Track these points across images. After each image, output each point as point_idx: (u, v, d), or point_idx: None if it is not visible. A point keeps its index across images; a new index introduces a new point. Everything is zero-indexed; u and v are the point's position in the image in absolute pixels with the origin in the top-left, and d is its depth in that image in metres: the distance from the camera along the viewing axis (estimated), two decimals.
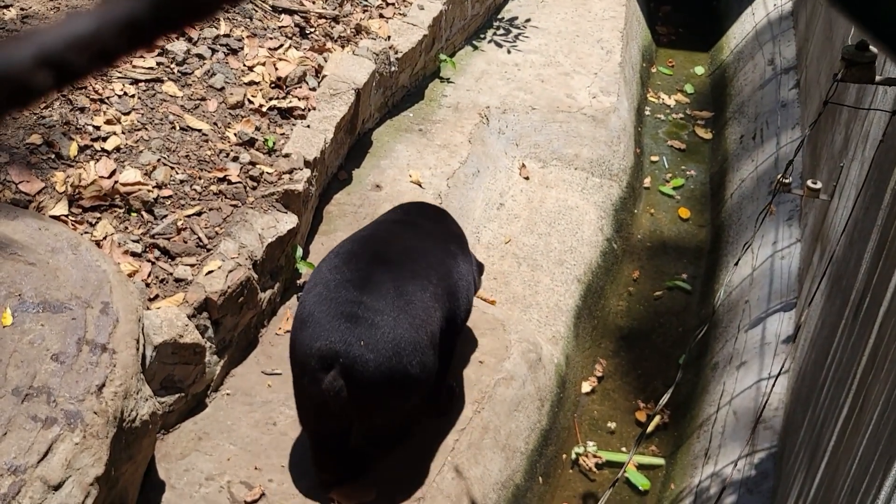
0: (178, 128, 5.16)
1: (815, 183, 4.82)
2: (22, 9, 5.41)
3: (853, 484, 2.90)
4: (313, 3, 6.59)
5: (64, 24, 0.66)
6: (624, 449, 5.19)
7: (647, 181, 7.48)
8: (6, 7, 5.37)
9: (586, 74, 7.75)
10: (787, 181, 4.88)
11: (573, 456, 5.15)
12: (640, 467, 5.14)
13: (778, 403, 4.76)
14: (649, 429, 5.32)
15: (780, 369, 4.63)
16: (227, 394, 4.51)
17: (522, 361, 4.99)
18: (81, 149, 4.77)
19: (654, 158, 7.78)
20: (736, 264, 4.75)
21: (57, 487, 3.04)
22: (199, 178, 4.95)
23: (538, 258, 6.02)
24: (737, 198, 6.77)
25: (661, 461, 5.19)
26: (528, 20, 8.44)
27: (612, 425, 5.38)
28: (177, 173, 4.91)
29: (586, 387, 5.58)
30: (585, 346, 5.83)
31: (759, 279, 5.68)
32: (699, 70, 9.08)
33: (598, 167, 6.93)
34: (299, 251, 5.14)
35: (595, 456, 5.15)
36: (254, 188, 5.04)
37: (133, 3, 0.67)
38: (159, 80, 5.39)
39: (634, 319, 6.20)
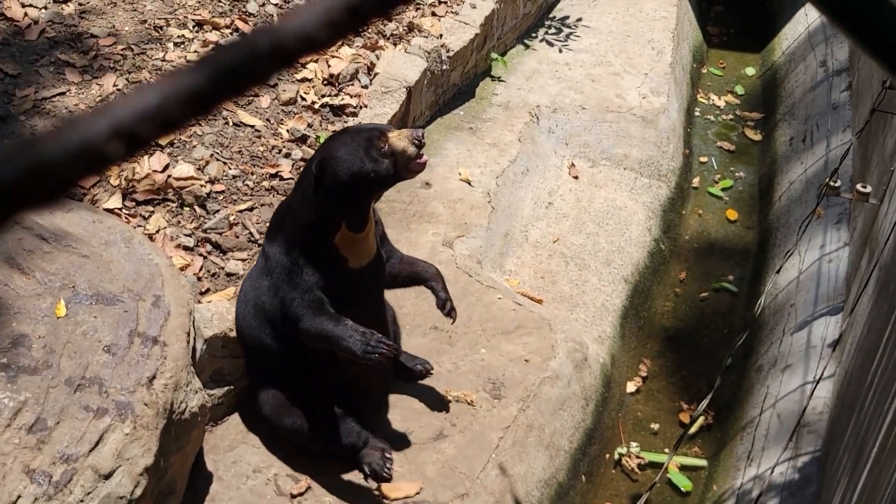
0: (231, 123, 5.23)
1: (864, 187, 4.79)
2: (80, 4, 5.50)
3: (895, 492, 2.91)
4: None
5: (133, 98, 0.71)
6: (667, 450, 5.19)
7: (695, 181, 7.46)
8: (65, 2, 5.47)
9: (637, 75, 7.74)
10: (835, 184, 4.87)
11: (616, 456, 5.17)
12: (683, 468, 5.14)
13: (822, 407, 4.74)
14: (692, 430, 5.32)
15: (825, 373, 4.62)
16: None
17: (568, 361, 5.01)
18: None
19: (703, 159, 7.75)
20: (778, 272, 4.74)
21: (107, 477, 3.11)
22: (252, 174, 5.02)
23: (586, 258, 6.03)
24: (785, 200, 6.75)
25: (703, 462, 5.19)
26: (579, 19, 8.44)
27: (655, 426, 5.39)
28: (229, 168, 4.98)
29: (631, 387, 5.59)
30: (631, 346, 5.84)
31: (805, 283, 5.66)
32: (750, 71, 9.03)
33: (647, 167, 6.92)
34: None
35: (638, 457, 5.16)
36: None
37: (193, 76, 0.72)
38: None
39: (680, 320, 6.20)
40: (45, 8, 5.38)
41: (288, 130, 5.34)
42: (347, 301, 3.92)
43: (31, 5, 5.34)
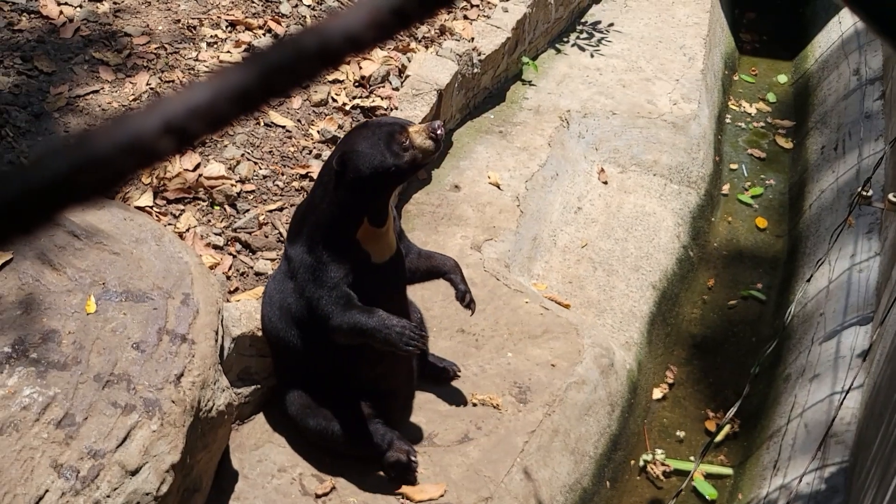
0: (262, 124, 5.25)
1: None
2: (115, 2, 5.54)
3: None
4: None
5: (184, 95, 0.73)
6: (692, 458, 5.17)
7: (725, 188, 7.44)
8: (100, 1, 5.51)
9: (668, 80, 7.72)
10: (867, 194, 4.84)
11: (641, 462, 5.16)
12: (708, 477, 5.12)
13: (850, 418, 4.72)
14: (718, 438, 5.30)
15: (854, 383, 4.59)
16: None
17: (595, 366, 5.00)
18: None
19: (733, 166, 7.73)
20: (808, 280, 4.71)
21: (134, 473, 3.13)
22: (282, 174, 5.04)
23: (614, 263, 6.02)
24: (815, 209, 6.71)
25: (729, 471, 5.17)
26: (611, 24, 8.43)
27: (681, 434, 5.37)
28: (260, 168, 5.00)
29: (657, 393, 5.57)
30: (658, 352, 5.82)
31: (835, 292, 5.63)
32: (782, 78, 8.99)
33: (676, 174, 6.90)
34: None
35: (663, 464, 5.14)
36: None
37: (243, 74, 0.73)
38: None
39: (708, 328, 6.18)
40: (81, 6, 5.42)
41: (318, 131, 5.35)
42: (374, 297, 3.92)
43: (66, 4, 5.39)
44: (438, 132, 3.76)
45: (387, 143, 3.75)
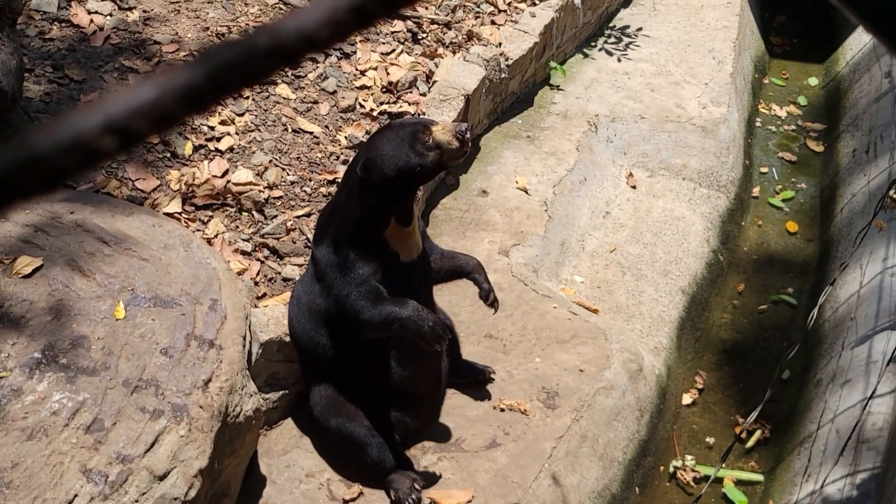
0: (290, 130, 5.27)
1: None
2: (144, 11, 5.57)
3: None
4: (426, 8, 6.67)
5: (128, 93, 0.73)
6: (724, 465, 5.14)
7: (755, 191, 7.40)
8: (129, 9, 5.54)
9: (697, 84, 7.70)
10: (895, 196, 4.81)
11: (671, 469, 5.13)
12: (739, 483, 5.09)
13: (882, 423, 4.68)
14: (749, 444, 5.27)
15: (885, 389, 4.56)
16: None
17: (623, 371, 4.98)
18: (196, 148, 4.90)
19: (763, 170, 7.69)
20: (832, 284, 4.67)
21: (162, 478, 3.14)
22: (310, 180, 5.05)
23: (643, 268, 6.00)
24: (847, 213, 6.67)
25: (759, 477, 5.13)
26: (639, 29, 8.41)
27: (710, 440, 5.34)
28: (287, 174, 5.02)
29: (687, 399, 5.54)
30: (687, 357, 5.79)
31: (866, 296, 5.58)
32: (813, 81, 8.94)
33: (706, 178, 6.88)
34: None
35: (693, 470, 5.11)
36: None
37: (190, 73, 0.73)
38: (273, 83, 5.51)
39: (738, 332, 6.15)
40: (111, 15, 5.46)
41: (346, 137, 5.37)
42: (403, 295, 3.91)
43: (96, 12, 5.42)
44: (466, 136, 3.75)
45: (410, 143, 3.75)
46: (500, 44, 6.70)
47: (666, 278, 5.98)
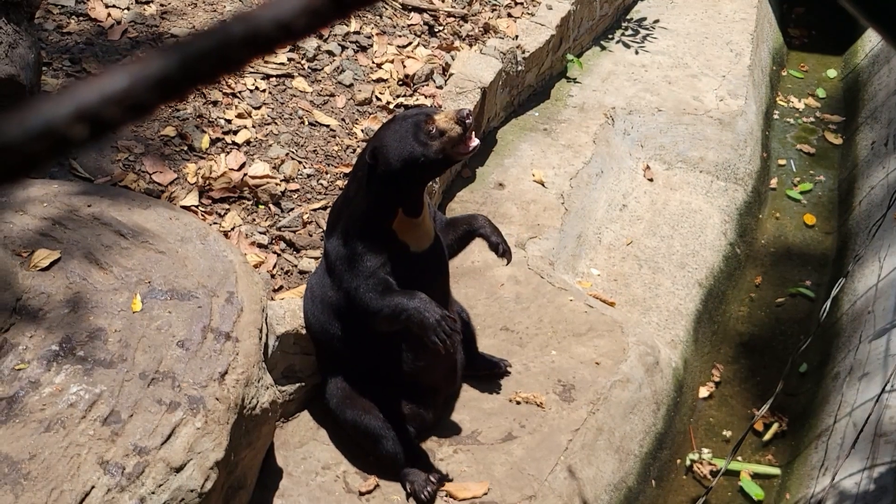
0: (306, 123, 5.28)
1: None
2: (161, 4, 5.59)
3: None
4: (442, 1, 6.66)
5: (99, 81, 0.72)
6: (740, 458, 5.13)
7: (773, 183, 7.37)
8: (147, 3, 5.56)
9: (714, 77, 7.68)
10: None
11: (687, 462, 5.12)
12: (755, 476, 5.08)
13: None
14: (766, 437, 5.26)
15: None
16: None
17: (640, 364, 4.98)
18: (213, 141, 4.92)
19: (781, 162, 7.66)
20: (845, 276, 4.65)
21: (179, 469, 3.16)
22: (326, 173, 5.06)
23: (660, 261, 5.99)
24: (865, 206, 6.63)
25: (776, 471, 5.12)
26: (656, 21, 8.39)
27: (727, 433, 5.32)
28: (304, 167, 5.03)
29: (703, 392, 5.53)
30: (704, 350, 5.78)
31: (884, 290, 5.56)
32: (832, 73, 8.90)
33: (723, 171, 6.86)
34: None
35: (710, 463, 5.10)
36: None
37: (164, 61, 0.73)
38: (290, 76, 5.51)
39: (755, 325, 6.13)
40: (128, 9, 5.47)
41: (362, 130, 5.37)
42: (414, 287, 3.90)
43: (114, 6, 5.44)
44: (467, 120, 3.74)
45: (414, 133, 3.75)
46: (516, 36, 6.69)
47: (683, 271, 5.96)
